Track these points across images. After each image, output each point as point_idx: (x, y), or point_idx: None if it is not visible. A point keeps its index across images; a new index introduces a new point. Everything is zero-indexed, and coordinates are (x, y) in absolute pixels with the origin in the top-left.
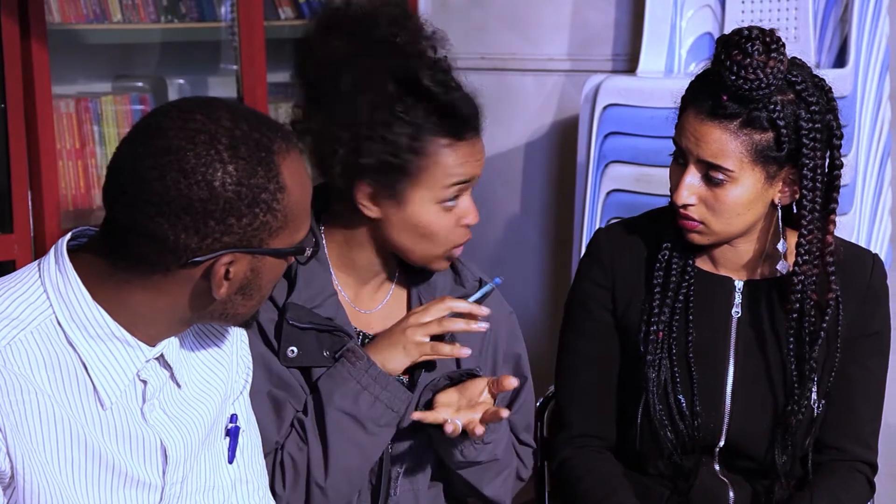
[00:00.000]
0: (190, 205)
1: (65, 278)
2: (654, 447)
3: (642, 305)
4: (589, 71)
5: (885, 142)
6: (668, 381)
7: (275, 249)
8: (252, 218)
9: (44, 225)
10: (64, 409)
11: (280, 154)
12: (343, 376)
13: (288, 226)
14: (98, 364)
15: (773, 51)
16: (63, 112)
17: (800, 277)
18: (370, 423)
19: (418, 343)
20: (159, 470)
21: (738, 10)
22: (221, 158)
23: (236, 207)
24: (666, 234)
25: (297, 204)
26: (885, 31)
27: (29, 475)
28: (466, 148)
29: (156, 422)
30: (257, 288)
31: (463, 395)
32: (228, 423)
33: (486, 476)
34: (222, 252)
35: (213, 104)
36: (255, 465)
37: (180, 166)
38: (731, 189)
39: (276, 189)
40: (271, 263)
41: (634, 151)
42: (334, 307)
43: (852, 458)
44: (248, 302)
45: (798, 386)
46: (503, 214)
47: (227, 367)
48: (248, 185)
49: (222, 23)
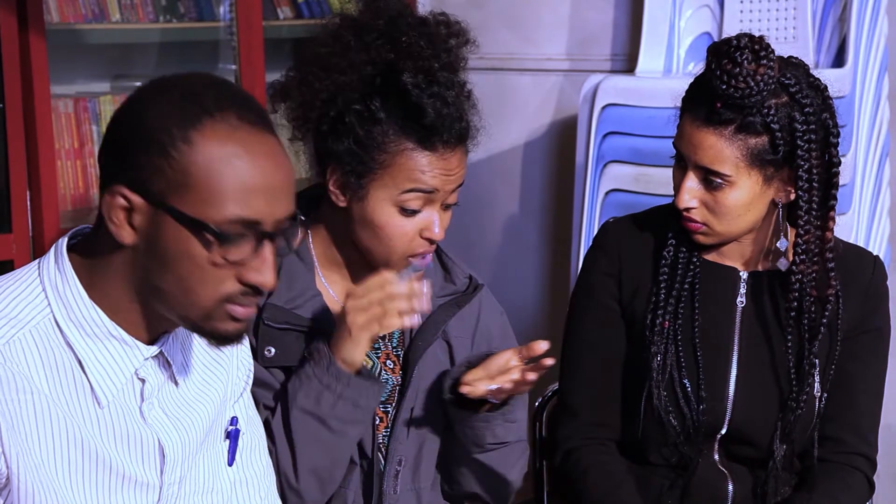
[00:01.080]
0: (111, 126)
1: (63, 277)
2: (658, 434)
3: (648, 295)
4: (587, 71)
5: (883, 141)
6: (674, 367)
7: (172, 207)
8: (145, 157)
9: (42, 225)
10: (61, 409)
11: (217, 119)
12: (308, 375)
13: (193, 189)
14: (94, 362)
15: (763, 58)
16: (62, 112)
17: (797, 276)
18: (334, 421)
19: (362, 325)
20: (157, 469)
21: (736, 10)
22: (160, 94)
23: (131, 137)
24: (671, 229)
25: (215, 175)
26: (884, 30)
27: (24, 475)
28: (434, 158)
29: (154, 421)
30: (164, 254)
31: (488, 367)
32: (228, 425)
33: (509, 459)
34: (116, 184)
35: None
36: (257, 465)
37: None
38: (730, 193)
39: (179, 137)
40: (174, 228)
41: (633, 151)
42: (317, 307)
43: (850, 450)
44: (165, 275)
45: (797, 382)
46: (502, 214)
47: (227, 369)
48: (152, 120)
49: (221, 23)
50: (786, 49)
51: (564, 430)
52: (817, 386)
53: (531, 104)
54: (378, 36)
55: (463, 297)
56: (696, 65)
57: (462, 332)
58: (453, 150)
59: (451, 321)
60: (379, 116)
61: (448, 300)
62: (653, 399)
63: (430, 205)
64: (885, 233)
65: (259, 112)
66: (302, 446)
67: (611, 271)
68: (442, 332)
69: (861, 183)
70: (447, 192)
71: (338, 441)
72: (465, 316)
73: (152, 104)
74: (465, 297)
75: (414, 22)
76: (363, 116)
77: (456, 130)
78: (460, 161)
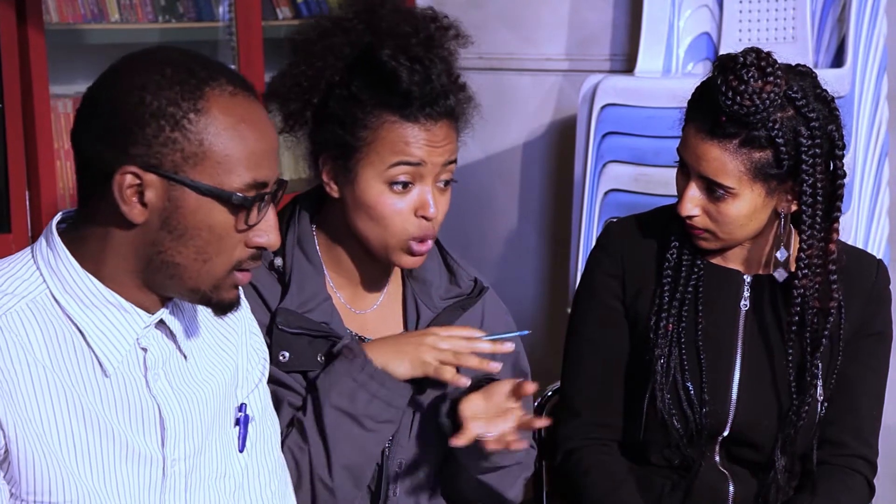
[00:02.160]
0: (101, 111)
1: (54, 252)
2: (660, 436)
3: (652, 297)
4: (587, 71)
5: (882, 141)
6: (677, 369)
7: (191, 181)
8: (157, 130)
9: (41, 224)
10: (63, 379)
11: (217, 89)
12: (339, 373)
13: (208, 158)
14: (96, 331)
15: (769, 74)
16: (61, 112)
17: (799, 290)
18: (368, 421)
19: (425, 362)
20: (158, 441)
21: (735, 10)
22: (148, 75)
23: (139, 114)
24: (675, 232)
25: (227, 141)
26: (883, 31)
27: (24, 445)
28: (416, 129)
29: (158, 392)
30: (184, 228)
31: (489, 401)
32: (238, 412)
33: (507, 479)
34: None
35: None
36: (270, 459)
37: (110, 81)
38: (733, 204)
39: (190, 109)
40: (195, 200)
41: (632, 151)
42: (329, 311)
43: (851, 453)
44: (182, 248)
45: (798, 394)
46: (501, 214)
47: (236, 351)
48: (156, 95)
49: (220, 23)
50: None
51: (565, 429)
52: (819, 390)
53: (530, 104)
54: (357, 21)
55: (468, 300)
56: (696, 65)
57: None
58: (436, 121)
59: (456, 323)
60: (360, 97)
61: (453, 303)
62: (656, 402)
63: (420, 180)
64: (885, 232)
65: (240, 77)
66: (335, 443)
67: (614, 272)
68: None
69: (860, 183)
70: (436, 166)
71: (371, 438)
72: (470, 318)
73: (144, 81)
74: (469, 299)
75: (395, 9)
76: (344, 98)
77: (439, 104)
78: (447, 135)
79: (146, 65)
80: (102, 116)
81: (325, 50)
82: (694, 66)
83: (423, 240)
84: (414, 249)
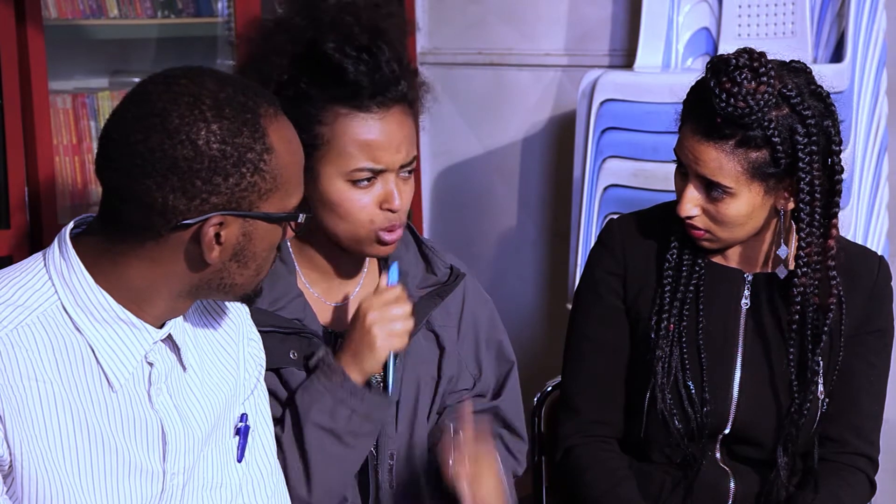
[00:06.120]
0: (175, 164)
1: (68, 264)
2: (661, 434)
3: (653, 296)
4: (586, 66)
5: (881, 137)
6: (678, 368)
7: (266, 214)
8: (239, 178)
9: (41, 221)
10: (70, 395)
11: (267, 117)
12: (319, 391)
13: (278, 189)
14: (105, 347)
15: (763, 75)
16: (60, 108)
17: (799, 289)
18: (348, 437)
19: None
20: (159, 456)
21: (734, 5)
22: (205, 118)
23: (221, 167)
24: (675, 231)
25: (287, 167)
26: (882, 26)
27: (28, 463)
28: (369, 119)
29: (160, 406)
30: (252, 255)
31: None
32: (238, 421)
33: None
34: (211, 214)
35: (198, 70)
36: (265, 463)
37: (164, 127)
38: (731, 203)
39: (262, 150)
40: (264, 229)
41: (632, 146)
42: (301, 307)
43: (853, 451)
44: (245, 271)
45: (799, 392)
46: (500, 209)
47: (237, 362)
48: (232, 144)
49: (219, 18)
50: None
51: (566, 427)
52: (820, 387)
53: (530, 99)
54: (299, 18)
55: (444, 288)
56: (695, 60)
57: (447, 321)
58: (389, 108)
59: (436, 311)
60: (309, 93)
61: (430, 291)
62: (657, 401)
63: (382, 174)
64: (884, 227)
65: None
66: (316, 462)
67: (615, 270)
68: (426, 322)
69: (859, 178)
70: (392, 154)
71: (350, 455)
72: (449, 305)
73: (204, 129)
74: (446, 287)
75: (336, 2)
76: (295, 97)
77: (390, 90)
78: (401, 123)
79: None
80: (166, 168)
81: (269, 51)
82: (693, 61)
83: (392, 229)
84: (384, 239)
